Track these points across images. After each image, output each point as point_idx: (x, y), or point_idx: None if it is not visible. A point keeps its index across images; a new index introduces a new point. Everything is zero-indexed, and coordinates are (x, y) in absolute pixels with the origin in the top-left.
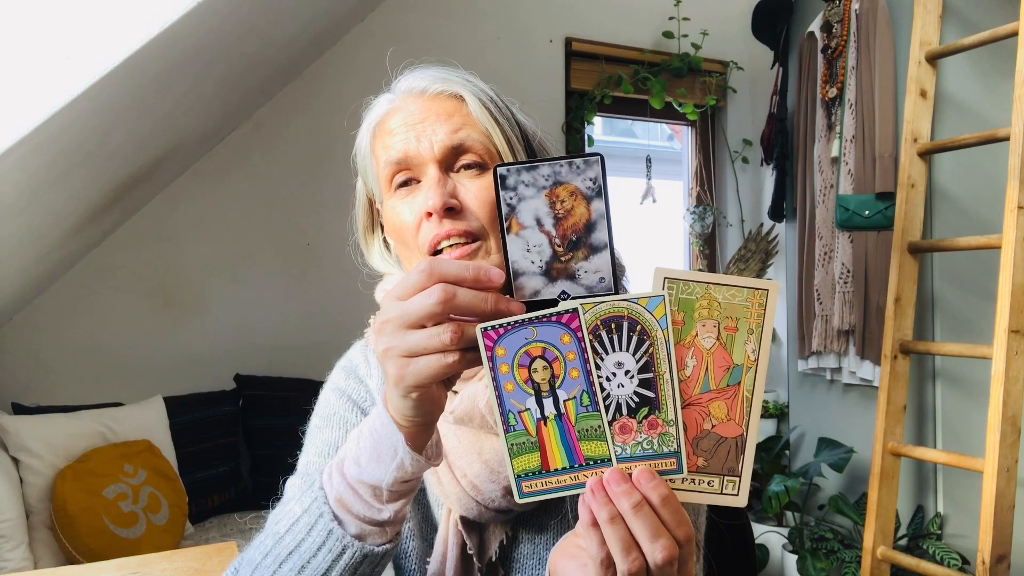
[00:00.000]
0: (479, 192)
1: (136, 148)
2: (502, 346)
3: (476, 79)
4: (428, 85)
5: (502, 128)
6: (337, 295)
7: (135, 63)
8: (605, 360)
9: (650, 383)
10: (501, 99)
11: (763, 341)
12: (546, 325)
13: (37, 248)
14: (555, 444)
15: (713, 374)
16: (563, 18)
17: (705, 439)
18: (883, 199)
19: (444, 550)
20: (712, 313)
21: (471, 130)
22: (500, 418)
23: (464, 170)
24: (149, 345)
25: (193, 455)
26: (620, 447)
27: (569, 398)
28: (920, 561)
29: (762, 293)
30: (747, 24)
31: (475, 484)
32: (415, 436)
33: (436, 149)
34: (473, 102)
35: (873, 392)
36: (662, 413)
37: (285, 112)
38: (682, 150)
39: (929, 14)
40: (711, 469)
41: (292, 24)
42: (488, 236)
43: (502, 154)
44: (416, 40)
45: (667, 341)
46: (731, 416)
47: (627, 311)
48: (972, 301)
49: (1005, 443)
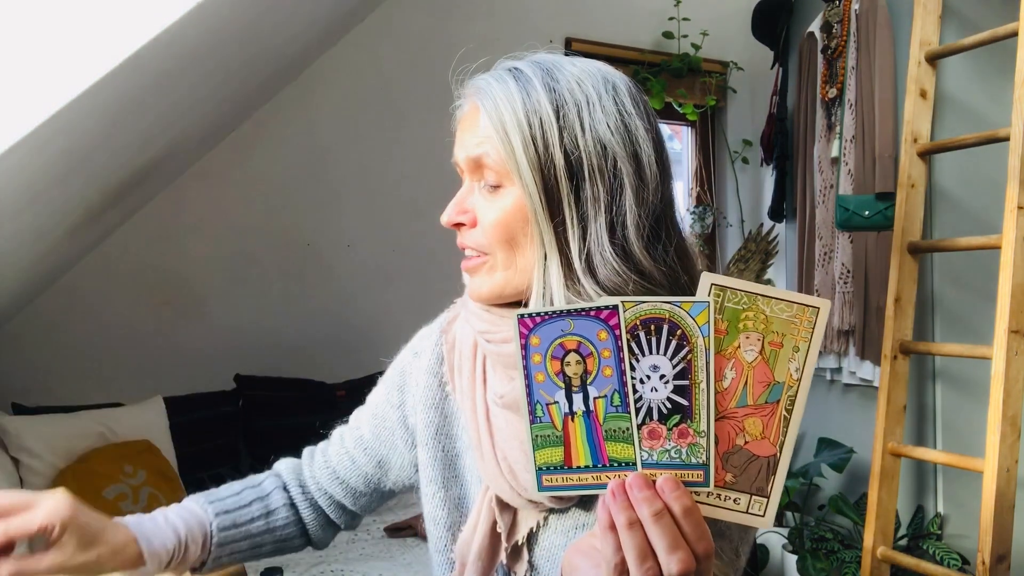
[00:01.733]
0: (486, 211)
1: (136, 148)
2: (537, 335)
3: (530, 84)
4: (471, 89)
5: (517, 141)
6: (337, 295)
7: (135, 63)
8: (641, 362)
9: (685, 391)
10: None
11: (808, 361)
12: (584, 319)
13: (37, 248)
14: (580, 441)
15: (752, 389)
16: (563, 18)
17: (736, 455)
18: (883, 199)
19: (476, 522)
20: (757, 326)
21: (489, 145)
22: (527, 408)
23: (482, 188)
24: (149, 345)
25: (193, 455)
26: (647, 452)
27: (600, 396)
28: (920, 561)
29: (812, 311)
30: (747, 24)
31: (513, 469)
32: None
33: (463, 160)
34: (487, 117)
35: (873, 392)
36: (694, 423)
37: (285, 112)
38: (682, 150)
39: (929, 14)
40: (739, 486)
41: (292, 24)
42: (495, 252)
43: (514, 172)
44: (416, 40)
45: (707, 349)
46: (766, 434)
47: (669, 314)
48: (972, 301)
49: (1005, 443)
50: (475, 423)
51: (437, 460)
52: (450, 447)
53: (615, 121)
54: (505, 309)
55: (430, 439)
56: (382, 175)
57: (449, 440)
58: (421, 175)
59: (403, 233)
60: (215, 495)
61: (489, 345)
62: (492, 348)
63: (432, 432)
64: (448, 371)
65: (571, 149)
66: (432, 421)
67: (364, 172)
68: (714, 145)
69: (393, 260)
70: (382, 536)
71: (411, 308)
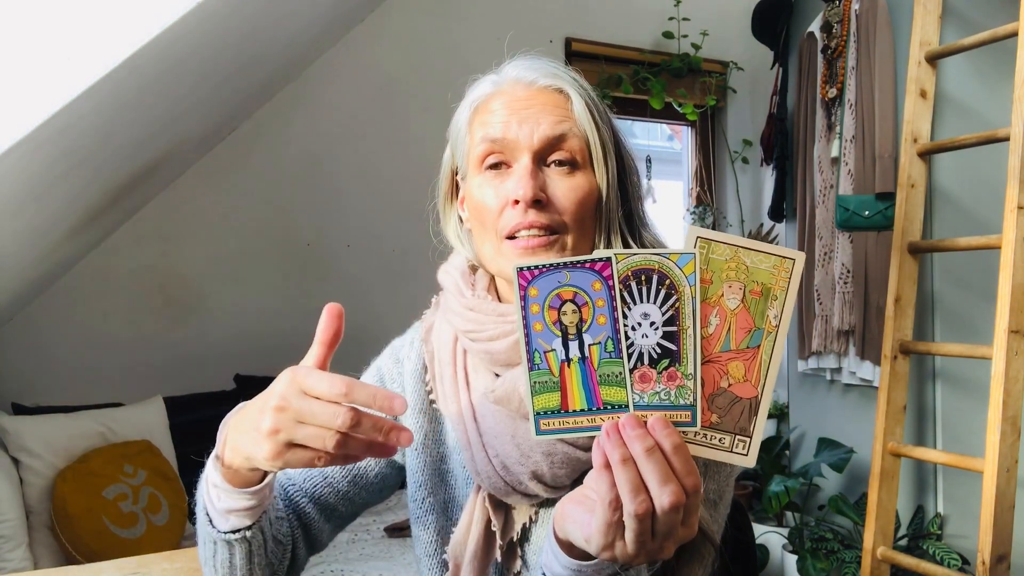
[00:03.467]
0: (567, 191)
1: (136, 148)
2: (535, 287)
3: (582, 79)
4: (537, 76)
5: (600, 132)
6: (337, 295)
7: (135, 63)
8: (632, 310)
9: (673, 336)
10: (601, 104)
11: (785, 308)
12: (579, 271)
13: (37, 248)
14: (576, 386)
15: (735, 335)
16: (563, 18)
17: (721, 396)
18: (883, 199)
19: (469, 522)
20: (739, 276)
21: (572, 126)
22: (525, 356)
23: (556, 166)
24: (149, 345)
25: (193, 455)
26: (638, 395)
27: (594, 343)
28: (920, 561)
29: (788, 262)
30: (747, 24)
31: (505, 465)
32: (248, 480)
33: (536, 137)
34: (578, 101)
35: (873, 392)
36: (682, 366)
37: (285, 112)
38: (682, 150)
39: (929, 14)
40: (724, 427)
41: (292, 24)
42: (568, 231)
43: (594, 158)
44: (416, 40)
45: (694, 297)
46: (748, 377)
47: (658, 265)
48: (972, 301)
49: (1005, 443)
50: (462, 425)
51: (427, 465)
52: (437, 452)
53: (614, 123)
54: (492, 306)
55: (420, 444)
56: (382, 175)
57: (436, 446)
58: (421, 175)
59: (403, 233)
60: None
61: (475, 344)
62: (478, 347)
63: (421, 437)
64: (432, 380)
65: (623, 148)
66: (422, 426)
67: (364, 172)
68: (714, 145)
69: (393, 260)
70: (382, 536)
71: (411, 308)
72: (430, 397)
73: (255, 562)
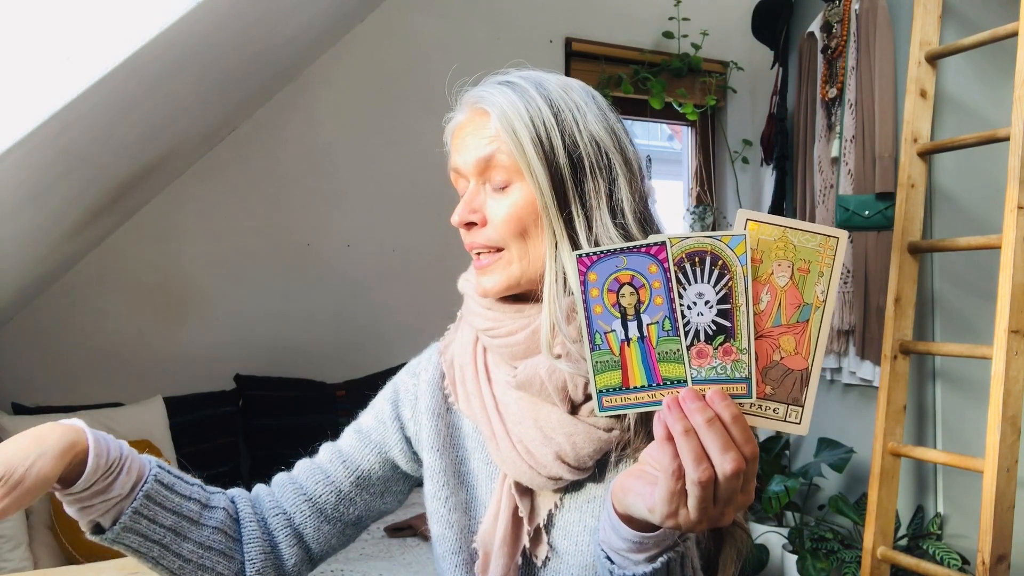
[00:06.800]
0: (499, 209)
1: (136, 148)
2: (594, 272)
3: (525, 86)
4: (473, 100)
5: (524, 141)
6: (337, 295)
7: (135, 63)
8: (687, 290)
9: (727, 314)
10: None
11: (831, 284)
12: (636, 255)
13: (37, 248)
14: (636, 364)
15: (785, 310)
16: (563, 18)
17: (774, 369)
18: (883, 199)
19: (496, 511)
20: (787, 254)
21: (500, 144)
22: (587, 337)
23: (491, 185)
24: (149, 345)
25: (193, 455)
26: (696, 370)
27: (652, 323)
28: (920, 561)
29: (833, 240)
30: (747, 24)
31: (529, 449)
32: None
33: (469, 163)
34: (497, 116)
35: (873, 392)
36: (736, 342)
37: (285, 112)
38: (682, 150)
39: (929, 14)
40: (777, 397)
41: (292, 24)
42: (509, 246)
43: (523, 168)
44: (416, 40)
45: (745, 276)
46: (799, 350)
47: (711, 247)
48: (972, 301)
49: (1005, 443)
50: (486, 417)
51: (448, 466)
52: (455, 455)
53: (601, 122)
54: (508, 305)
55: (440, 446)
56: (382, 175)
57: (454, 448)
58: (421, 175)
59: (403, 233)
60: (164, 465)
61: (494, 340)
62: (498, 343)
63: (441, 440)
64: (451, 384)
65: (572, 147)
66: (440, 430)
67: (364, 172)
68: (714, 145)
69: (393, 260)
70: (382, 536)
71: (411, 308)
72: (448, 402)
73: (164, 564)
